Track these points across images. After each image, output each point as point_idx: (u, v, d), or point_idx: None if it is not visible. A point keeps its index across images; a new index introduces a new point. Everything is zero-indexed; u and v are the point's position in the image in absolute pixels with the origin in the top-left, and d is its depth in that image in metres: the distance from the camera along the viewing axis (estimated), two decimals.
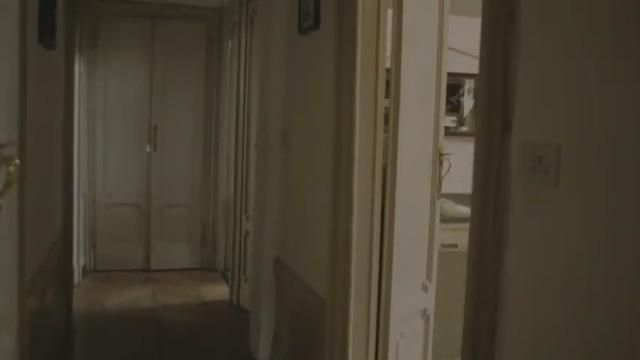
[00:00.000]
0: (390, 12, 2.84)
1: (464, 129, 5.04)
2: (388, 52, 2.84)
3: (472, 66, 4.81)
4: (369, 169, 2.79)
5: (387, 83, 2.86)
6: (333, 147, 2.87)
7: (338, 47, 2.83)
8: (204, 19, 6.46)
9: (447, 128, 3.72)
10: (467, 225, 3.97)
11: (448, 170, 3.24)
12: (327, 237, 2.91)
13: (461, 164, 3.57)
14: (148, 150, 6.37)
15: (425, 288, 3.14)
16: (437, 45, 3.05)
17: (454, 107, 5.03)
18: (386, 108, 2.85)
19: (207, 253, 6.60)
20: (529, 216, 1.52)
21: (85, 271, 6.10)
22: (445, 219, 3.63)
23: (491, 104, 1.60)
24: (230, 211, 5.80)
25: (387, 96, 2.87)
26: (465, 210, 4.13)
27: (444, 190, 3.26)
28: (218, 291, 5.79)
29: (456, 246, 3.81)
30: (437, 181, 3.16)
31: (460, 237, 3.84)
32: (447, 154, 3.16)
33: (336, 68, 2.84)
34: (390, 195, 2.83)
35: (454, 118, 5.06)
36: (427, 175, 3.11)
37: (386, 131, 2.88)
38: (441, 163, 3.17)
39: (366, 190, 2.79)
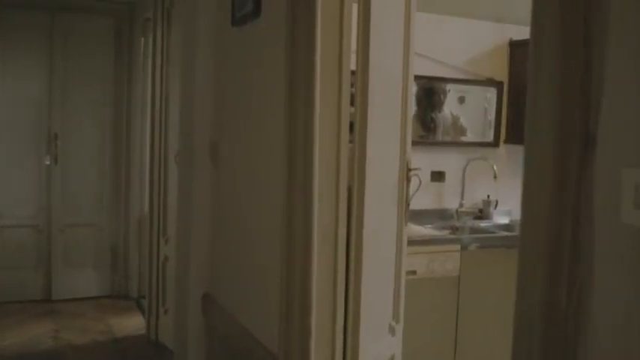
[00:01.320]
0: (355, 7, 2.34)
1: None
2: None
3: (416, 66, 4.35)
4: (331, 189, 2.25)
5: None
6: (286, 163, 2.30)
7: (290, 39, 2.27)
8: (112, 14, 5.72)
9: None
10: (426, 248, 3.53)
11: (418, 188, 2.76)
12: (279, 275, 2.34)
13: None
14: (48, 163, 5.55)
15: (392, 330, 2.61)
16: (403, 44, 2.54)
17: None
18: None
19: (119, 279, 5.84)
20: (631, 276, 1.01)
21: None
22: None
23: (561, 105, 1.09)
24: (145, 232, 5.10)
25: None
26: (422, 230, 3.66)
27: None
28: (132, 323, 5.07)
29: (414, 273, 3.33)
30: (404, 202, 2.65)
31: (419, 262, 3.37)
32: (415, 169, 2.66)
33: (288, 66, 2.28)
34: (358, 222, 2.30)
35: None
36: (394, 194, 2.59)
37: (350, 141, 2.36)
38: (408, 180, 2.66)
39: (329, 215, 2.25)
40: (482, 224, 4.01)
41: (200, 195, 3.43)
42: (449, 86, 4.20)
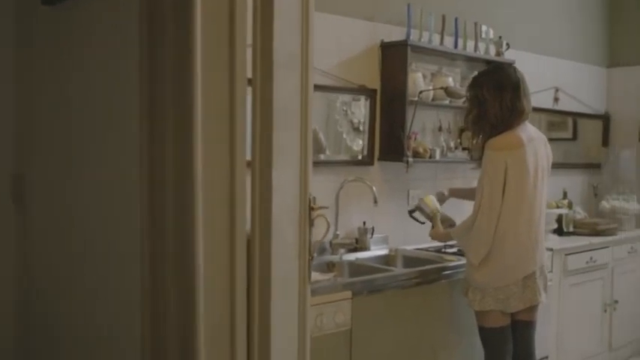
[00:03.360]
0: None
1: None
2: None
3: None
4: (223, 245, 1.47)
5: None
6: (146, 205, 1.49)
7: (147, 24, 1.46)
8: None
9: None
10: (313, 299, 2.77)
11: (325, 234, 2.05)
12: None
13: None
14: None
15: None
16: (300, 49, 1.82)
17: None
18: None
19: None
20: None
21: None
22: None
23: None
24: None
25: None
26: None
27: None
28: None
29: None
30: (306, 254, 1.93)
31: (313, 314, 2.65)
32: (320, 208, 1.95)
33: (145, 63, 1.46)
34: (262, 294, 1.54)
35: None
36: (294, 243, 1.86)
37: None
38: (311, 222, 1.94)
39: (222, 289, 1.46)
40: (361, 257, 3.40)
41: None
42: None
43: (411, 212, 3.36)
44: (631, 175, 4.77)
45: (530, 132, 2.92)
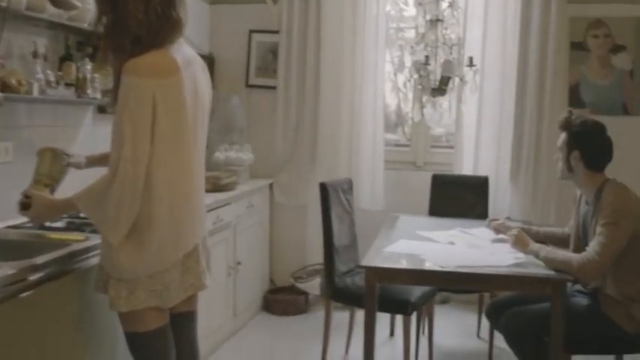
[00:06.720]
0: None
1: None
2: None
3: None
4: None
5: None
6: None
7: None
8: None
9: None
10: None
11: None
12: None
13: None
14: None
15: None
16: None
17: None
18: None
19: None
20: None
21: None
22: None
23: None
24: None
25: None
26: None
27: None
28: None
29: None
30: None
31: None
32: None
33: None
34: None
35: None
36: None
37: None
38: None
39: None
40: None
41: None
42: None
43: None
44: (242, 123, 4.36)
45: (186, 53, 2.12)
